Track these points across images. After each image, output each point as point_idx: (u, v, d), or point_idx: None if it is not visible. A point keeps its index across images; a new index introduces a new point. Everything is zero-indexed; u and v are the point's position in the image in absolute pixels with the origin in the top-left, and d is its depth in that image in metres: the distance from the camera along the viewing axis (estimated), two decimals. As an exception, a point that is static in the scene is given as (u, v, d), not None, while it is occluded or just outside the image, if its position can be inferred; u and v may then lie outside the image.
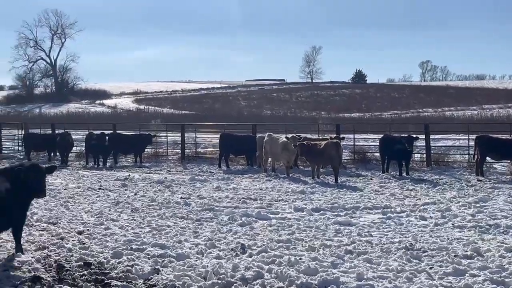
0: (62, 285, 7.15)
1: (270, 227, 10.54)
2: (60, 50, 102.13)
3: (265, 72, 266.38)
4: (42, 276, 7.43)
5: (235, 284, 7.17)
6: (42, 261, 8.11)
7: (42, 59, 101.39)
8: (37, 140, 25.01)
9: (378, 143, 20.10)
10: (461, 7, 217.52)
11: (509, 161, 18.55)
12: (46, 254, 8.44)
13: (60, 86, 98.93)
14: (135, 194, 14.45)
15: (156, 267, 7.79)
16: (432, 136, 21.70)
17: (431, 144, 21.10)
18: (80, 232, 10.00)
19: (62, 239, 9.44)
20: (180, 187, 15.76)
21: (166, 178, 17.80)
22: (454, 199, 13.38)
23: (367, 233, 10.02)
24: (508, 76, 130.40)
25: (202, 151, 25.50)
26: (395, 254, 8.52)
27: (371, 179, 17.46)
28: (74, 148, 24.34)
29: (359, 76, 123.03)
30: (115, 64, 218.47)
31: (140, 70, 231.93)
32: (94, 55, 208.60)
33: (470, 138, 20.58)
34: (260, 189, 15.43)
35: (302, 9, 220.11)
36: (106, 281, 7.29)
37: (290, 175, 18.15)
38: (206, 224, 10.83)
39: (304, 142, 17.80)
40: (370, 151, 22.36)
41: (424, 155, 20.91)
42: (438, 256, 8.38)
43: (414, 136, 18.63)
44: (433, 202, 13.06)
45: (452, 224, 10.69)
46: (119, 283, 7.22)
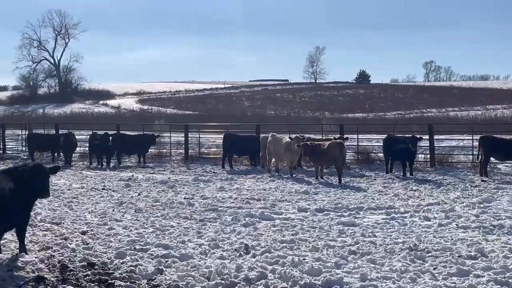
0: (65, 285, 7.16)
1: (274, 227, 10.53)
2: (63, 50, 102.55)
3: (268, 73, 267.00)
4: (45, 276, 7.44)
5: (238, 285, 7.16)
6: (46, 261, 8.12)
7: (46, 59, 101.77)
8: (40, 140, 25.03)
9: (381, 144, 20.07)
10: (465, 7, 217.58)
11: (513, 161, 18.51)
12: (49, 254, 8.46)
13: (64, 87, 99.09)
14: (139, 195, 14.47)
15: (160, 268, 7.79)
16: (436, 137, 21.64)
17: (435, 145, 21.04)
18: (83, 232, 10.02)
19: (66, 239, 9.47)
20: (183, 188, 15.76)
21: (169, 178, 17.81)
22: (458, 200, 13.35)
23: (371, 233, 10.01)
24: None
25: (205, 151, 25.46)
26: (399, 254, 8.50)
27: (375, 179, 17.43)
28: (78, 149, 24.40)
29: (362, 77, 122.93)
30: (118, 64, 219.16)
31: (144, 70, 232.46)
32: (98, 56, 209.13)
33: (474, 138, 20.50)
34: (264, 189, 15.42)
35: (305, 9, 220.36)
36: (109, 281, 7.30)
37: (294, 175, 18.15)
38: (210, 224, 10.83)
39: (308, 143, 17.77)
40: (374, 151, 22.31)
41: (428, 156, 20.86)
42: (442, 256, 8.37)
43: (418, 136, 18.59)
44: (437, 202, 13.04)
45: (456, 224, 10.67)
46: (122, 283, 7.22)
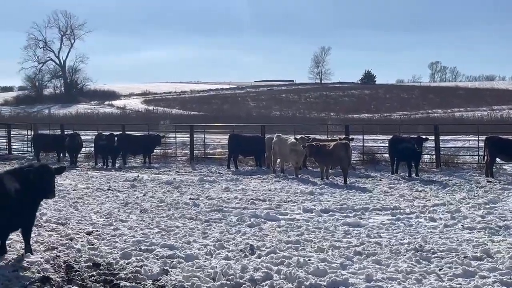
0: (71, 285, 7.18)
1: (279, 228, 10.52)
2: (69, 51, 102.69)
3: (274, 73, 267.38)
4: (51, 276, 7.46)
5: (244, 285, 7.16)
6: (51, 261, 8.14)
7: (51, 60, 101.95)
8: (46, 140, 25.11)
9: (387, 144, 20.03)
10: (470, 7, 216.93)
11: (519, 162, 18.45)
12: (55, 255, 8.48)
13: (69, 87, 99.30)
14: (144, 195, 14.48)
15: (165, 268, 7.80)
16: (441, 137, 21.61)
17: (441, 145, 21.00)
18: (89, 233, 10.04)
19: (71, 239, 9.48)
20: (189, 188, 15.77)
21: (175, 179, 17.81)
22: (463, 200, 13.31)
23: (376, 234, 9.99)
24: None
25: (211, 152, 25.47)
26: (405, 255, 8.49)
27: (380, 180, 17.39)
28: (83, 149, 24.45)
29: (368, 77, 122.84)
30: (124, 65, 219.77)
31: (149, 71, 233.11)
32: (103, 56, 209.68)
33: (479, 139, 20.46)
34: (269, 190, 15.41)
35: (311, 10, 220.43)
36: (115, 281, 7.31)
37: (299, 176, 18.13)
38: (215, 225, 10.83)
39: (313, 143, 17.74)
40: (379, 152, 22.27)
41: (434, 156, 20.82)
42: (448, 257, 8.35)
43: (424, 137, 18.56)
44: (442, 203, 13.00)
45: (462, 225, 10.64)
46: (128, 283, 7.23)
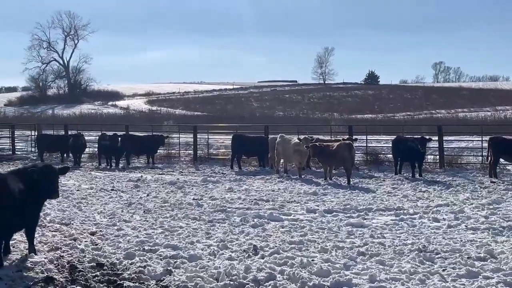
0: (74, 285, 7.18)
1: (282, 228, 10.52)
2: (73, 51, 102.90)
3: (277, 73, 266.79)
4: (55, 276, 7.47)
5: (247, 286, 7.16)
6: (55, 261, 8.16)
7: (55, 60, 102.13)
8: (50, 141, 25.12)
9: (390, 145, 20.00)
10: (474, 7, 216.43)
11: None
12: (59, 255, 8.49)
13: (73, 87, 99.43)
14: (148, 195, 14.49)
15: (169, 268, 7.80)
16: (445, 138, 21.55)
17: (444, 146, 20.95)
18: (92, 233, 10.05)
19: (75, 240, 9.50)
20: (192, 188, 15.77)
21: (178, 179, 17.82)
22: (467, 201, 13.28)
23: (380, 234, 9.98)
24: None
25: (214, 152, 25.46)
26: (408, 256, 8.48)
27: (384, 180, 17.36)
28: (87, 149, 24.43)
29: (371, 77, 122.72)
30: (127, 65, 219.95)
31: (153, 71, 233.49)
32: (107, 57, 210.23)
33: (483, 139, 20.42)
34: (272, 190, 15.41)
35: (314, 10, 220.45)
36: (118, 282, 7.31)
37: (302, 176, 18.12)
38: (218, 225, 10.84)
39: (317, 144, 17.74)
40: (383, 152, 22.25)
41: (437, 157, 20.78)
42: (451, 258, 8.33)
43: (427, 137, 18.53)
44: (446, 204, 12.98)
45: (465, 226, 10.62)
46: (131, 284, 7.23)
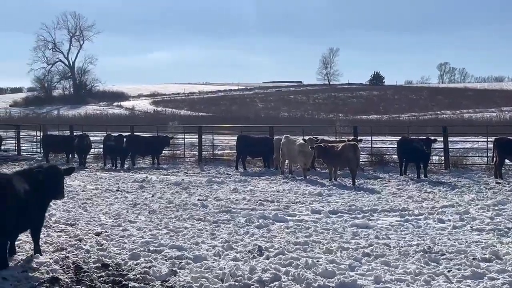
0: (80, 286, 7.21)
1: (287, 229, 10.52)
2: (78, 52, 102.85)
3: (282, 74, 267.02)
4: (60, 277, 7.49)
5: (252, 286, 7.17)
6: (60, 262, 8.18)
7: (61, 61, 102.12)
8: (55, 141, 25.17)
9: (395, 145, 19.98)
10: (479, 8, 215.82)
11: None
12: (64, 256, 8.52)
13: (78, 88, 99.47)
14: (153, 196, 14.51)
15: (174, 269, 7.82)
16: (450, 138, 21.52)
17: (449, 147, 20.93)
18: (98, 234, 10.08)
19: (80, 240, 9.53)
20: (197, 189, 15.79)
21: (183, 180, 17.83)
22: (472, 202, 13.26)
23: (385, 235, 9.97)
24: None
25: (219, 153, 25.47)
26: (413, 257, 8.47)
27: (389, 181, 17.34)
28: (92, 150, 24.46)
29: (376, 78, 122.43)
30: (133, 66, 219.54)
31: (158, 72, 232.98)
32: (112, 57, 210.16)
33: (488, 140, 20.37)
34: (277, 191, 15.41)
35: (319, 11, 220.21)
36: (123, 282, 7.33)
37: (307, 177, 18.11)
38: (223, 226, 10.84)
39: (321, 144, 17.71)
40: (388, 153, 22.20)
41: (442, 158, 20.75)
42: (457, 259, 8.32)
43: (432, 138, 18.51)
44: (451, 204, 12.95)
45: (471, 227, 10.59)
46: (136, 284, 7.25)
